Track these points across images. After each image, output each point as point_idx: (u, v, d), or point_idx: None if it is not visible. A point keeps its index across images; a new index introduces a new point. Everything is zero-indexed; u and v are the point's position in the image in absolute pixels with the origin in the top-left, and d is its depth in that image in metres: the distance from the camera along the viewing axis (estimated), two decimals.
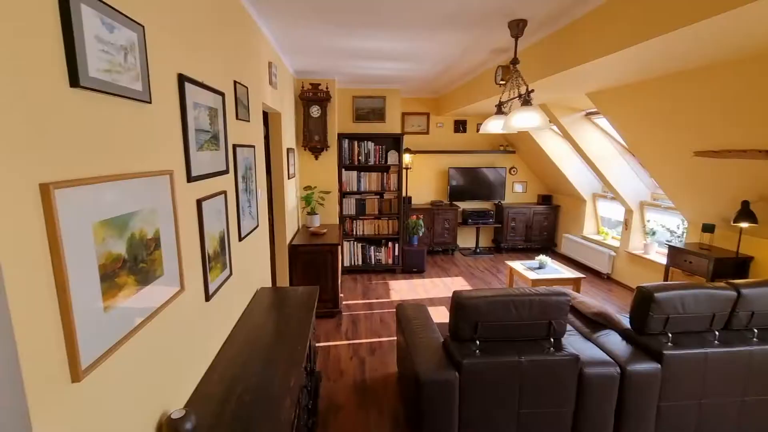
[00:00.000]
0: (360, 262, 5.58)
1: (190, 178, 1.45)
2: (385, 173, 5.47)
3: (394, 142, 5.41)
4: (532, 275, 3.91)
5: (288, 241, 3.89)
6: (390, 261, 5.58)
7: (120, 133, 1.02)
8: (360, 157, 5.38)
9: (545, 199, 6.46)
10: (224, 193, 1.87)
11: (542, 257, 4.15)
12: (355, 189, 5.46)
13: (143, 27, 1.11)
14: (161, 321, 1.24)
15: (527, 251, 6.46)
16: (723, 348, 2.14)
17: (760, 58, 2.19)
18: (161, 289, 1.21)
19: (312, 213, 4.64)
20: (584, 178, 5.59)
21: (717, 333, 2.23)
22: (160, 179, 1.20)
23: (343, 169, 5.37)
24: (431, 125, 6.46)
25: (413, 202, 6.52)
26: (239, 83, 2.15)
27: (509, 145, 6.54)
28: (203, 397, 1.47)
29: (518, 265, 4.28)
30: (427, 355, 2.17)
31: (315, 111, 4.55)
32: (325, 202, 4.86)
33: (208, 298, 1.64)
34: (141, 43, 1.10)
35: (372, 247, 5.57)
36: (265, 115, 3.57)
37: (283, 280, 3.94)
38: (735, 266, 3.30)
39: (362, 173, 5.44)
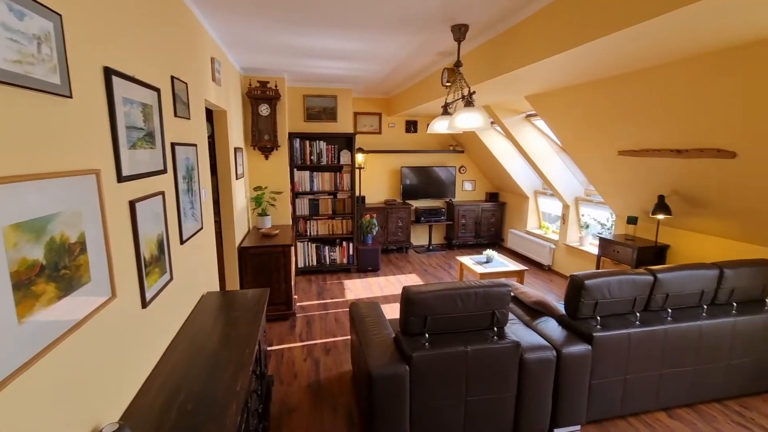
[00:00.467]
0: (314, 263, 5.52)
1: (120, 178, 1.37)
2: (338, 173, 5.45)
3: (346, 141, 5.41)
4: (480, 269, 4.09)
5: (237, 244, 3.76)
6: (345, 260, 5.57)
7: (35, 130, 0.95)
8: (312, 157, 5.32)
9: (492, 197, 6.77)
10: (162, 194, 1.78)
11: (489, 252, 4.35)
12: (308, 189, 5.39)
13: (60, 16, 1.03)
14: (90, 330, 1.16)
15: (477, 247, 6.73)
16: (643, 328, 2.38)
17: (669, 68, 2.45)
18: (88, 296, 1.13)
19: (263, 214, 4.52)
20: (526, 176, 5.93)
21: (638, 314, 2.48)
22: (84, 179, 1.13)
23: (296, 169, 5.29)
24: (383, 125, 6.53)
25: (367, 201, 6.56)
26: (177, 79, 2.05)
27: (458, 144, 6.77)
28: (141, 409, 1.40)
29: (467, 260, 4.46)
30: (378, 351, 2.21)
31: (264, 109, 4.43)
32: (277, 203, 4.76)
33: (145, 304, 1.55)
34: (58, 33, 1.02)
35: (326, 247, 5.53)
36: (210, 112, 3.42)
37: (233, 284, 3.81)
38: (655, 254, 3.67)
39: (315, 173, 5.38)
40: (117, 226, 1.35)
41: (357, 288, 4.94)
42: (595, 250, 4.50)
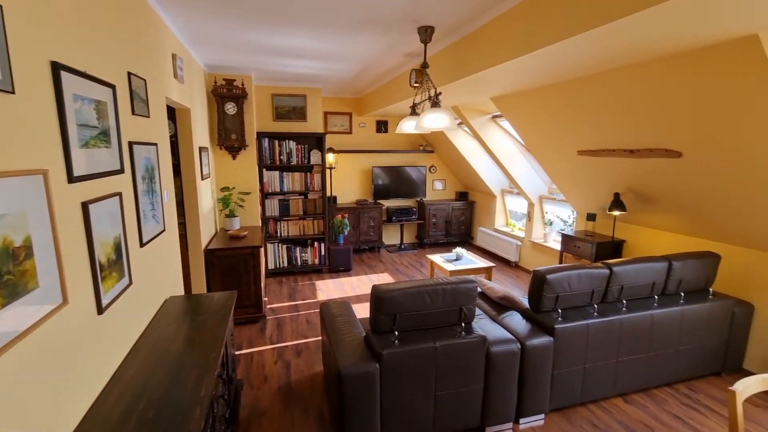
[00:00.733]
0: (285, 264, 5.44)
1: (71, 179, 1.31)
2: (308, 173, 5.40)
3: (316, 141, 5.37)
4: (450, 267, 4.17)
5: (204, 246, 3.66)
6: (316, 261, 5.53)
7: None
8: (282, 157, 5.24)
9: (462, 196, 6.91)
10: (119, 195, 1.71)
11: (458, 250, 4.44)
12: (277, 189, 5.31)
13: (1, 6, 0.98)
14: (38, 339, 1.10)
15: (448, 245, 6.85)
16: (600, 319, 2.51)
17: (622, 72, 2.59)
18: (36, 304, 1.08)
19: (231, 215, 4.42)
20: (493, 175, 6.10)
21: (596, 306, 2.61)
22: (29, 179, 1.07)
23: (264, 169, 5.19)
24: (354, 125, 6.53)
25: (338, 201, 6.53)
26: (135, 75, 1.97)
27: (428, 144, 6.87)
28: (98, 419, 1.34)
29: (438, 258, 4.53)
30: (349, 350, 2.21)
31: (230, 108, 4.33)
32: (246, 204, 4.66)
33: (101, 310, 1.49)
34: None
35: (297, 248, 5.47)
36: (172, 111, 3.31)
37: (200, 287, 3.70)
38: (612, 248, 3.88)
39: (285, 173, 5.31)
40: (68, 228, 1.28)
41: (329, 288, 4.92)
42: (558, 246, 4.69)
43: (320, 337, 3.59)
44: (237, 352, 3.32)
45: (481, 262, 4.33)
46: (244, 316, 3.86)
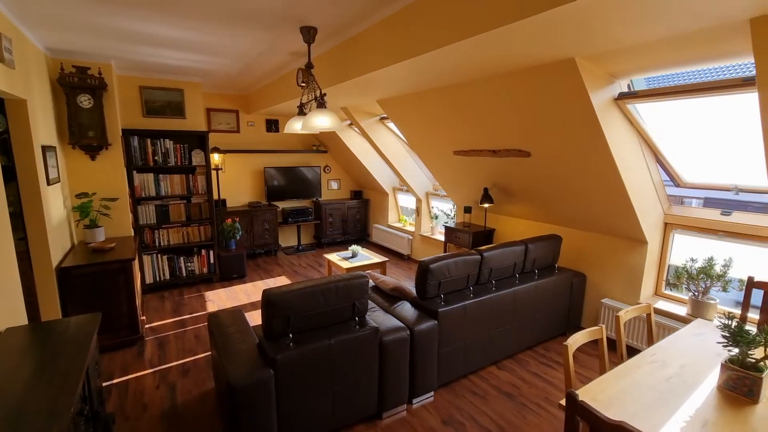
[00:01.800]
0: (167, 276, 4.90)
1: None
2: (190, 175, 4.94)
3: (198, 140, 4.94)
4: (346, 264, 4.27)
5: (56, 264, 3.09)
6: (205, 270, 5.11)
7: None
8: (157, 158, 4.69)
9: (357, 194, 7.10)
10: None
11: (354, 247, 4.57)
12: (153, 194, 4.74)
13: None
14: None
15: (345, 243, 6.97)
16: (475, 299, 2.86)
17: (485, 81, 2.97)
18: None
19: (92, 226, 3.80)
20: (384, 174, 6.41)
21: (471, 288, 2.97)
22: None
23: (135, 172, 4.59)
24: (242, 123, 6.18)
25: (228, 204, 6.13)
26: None
27: (321, 144, 6.88)
28: None
29: (334, 257, 4.60)
30: (240, 360, 2.12)
31: (85, 101, 3.71)
32: (112, 212, 4.05)
33: None
34: None
35: (182, 258, 4.97)
36: (1, 102, 2.71)
37: (53, 313, 3.11)
38: (485, 236, 4.43)
39: (162, 175, 4.76)
40: None
41: (221, 298, 4.59)
42: (443, 238, 5.16)
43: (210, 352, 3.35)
44: (107, 383, 2.90)
45: (376, 258, 4.53)
46: (115, 341, 3.38)
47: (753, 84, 2.06)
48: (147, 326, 3.85)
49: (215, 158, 5.43)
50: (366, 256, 4.56)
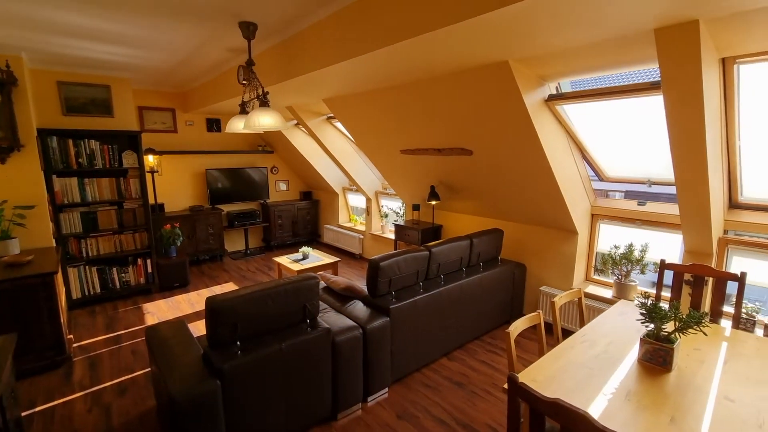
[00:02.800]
0: (98, 290, 4.50)
1: None
2: (121, 178, 4.56)
3: (129, 140, 4.58)
4: (297, 266, 4.19)
5: None
6: (142, 280, 4.75)
7: None
8: (81, 160, 4.28)
9: (306, 195, 6.98)
10: None
11: (305, 249, 4.50)
12: (78, 200, 4.32)
13: None
14: None
15: (296, 245, 6.83)
16: (425, 294, 2.93)
17: (428, 82, 3.05)
18: None
19: (5, 237, 3.38)
20: (334, 174, 6.37)
21: (421, 284, 3.04)
22: None
23: (55, 176, 4.15)
24: (179, 123, 5.82)
25: (167, 209, 5.75)
26: None
27: (267, 145, 6.67)
28: None
29: (284, 259, 4.49)
30: (183, 373, 2.01)
31: None
32: (28, 221, 3.62)
33: None
34: None
35: (114, 269, 4.58)
36: None
37: None
38: (433, 233, 4.56)
39: (87, 179, 4.35)
40: None
41: (161, 310, 4.30)
42: (393, 236, 5.24)
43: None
44: (28, 412, 2.61)
45: (327, 259, 4.49)
46: (38, 363, 3.05)
47: (659, 87, 2.32)
48: (75, 345, 3.51)
49: (150, 160, 5.07)
50: (317, 258, 4.50)
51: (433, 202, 4.20)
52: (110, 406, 2.67)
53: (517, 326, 2.00)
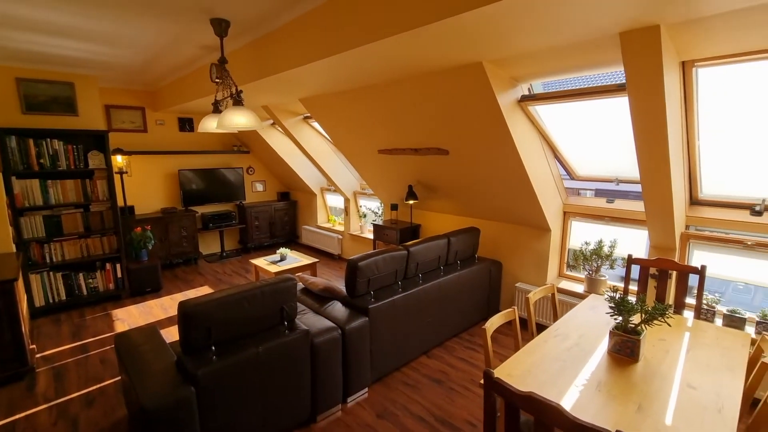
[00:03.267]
0: (63, 297, 4.30)
1: None
2: (88, 180, 4.37)
3: (96, 140, 4.39)
4: (274, 268, 4.13)
5: None
6: (112, 286, 4.57)
7: None
8: (42, 161, 4.07)
9: (284, 196, 6.89)
10: None
11: (282, 250, 4.44)
12: (40, 203, 4.10)
13: None
14: None
15: (273, 246, 6.73)
16: (404, 293, 2.95)
17: (406, 82, 3.07)
18: None
19: None
20: (311, 174, 6.31)
21: (400, 283, 3.06)
22: None
23: (15, 178, 3.93)
24: (149, 122, 5.62)
25: (137, 211, 5.55)
26: None
27: (243, 145, 6.54)
28: None
29: (262, 261, 4.41)
30: (155, 380, 1.94)
31: None
32: None
33: None
34: None
35: (81, 275, 4.39)
36: None
37: None
38: (411, 232, 4.59)
39: (50, 181, 4.15)
40: None
41: (132, 316, 4.15)
42: (372, 236, 5.24)
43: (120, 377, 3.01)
44: None
45: (306, 260, 4.44)
46: None
47: (625, 89, 2.41)
48: (39, 356, 3.34)
49: (118, 160, 4.88)
50: (295, 259, 4.45)
51: (411, 202, 4.22)
52: (77, 417, 2.56)
53: (494, 322, 2.04)
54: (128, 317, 4.12)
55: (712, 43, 2.01)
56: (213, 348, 2.10)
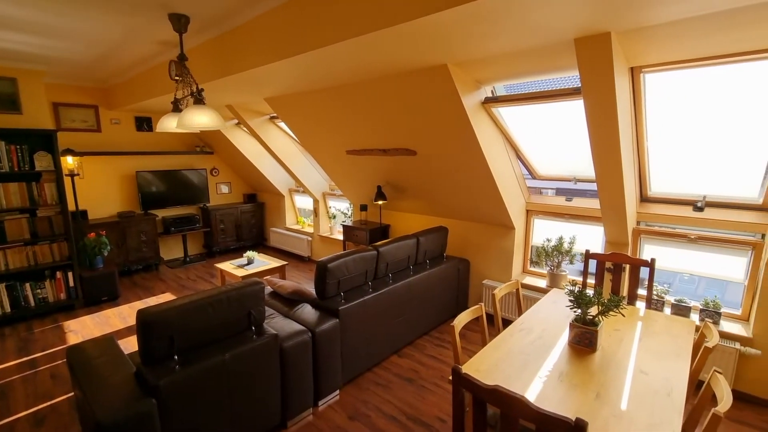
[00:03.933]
0: (8, 309, 3.98)
1: None
2: (34, 183, 4.08)
3: (43, 140, 4.11)
4: (241, 272, 4.02)
5: None
6: (63, 295, 4.28)
7: None
8: None
9: (250, 198, 6.71)
10: None
11: (249, 253, 4.32)
12: None
13: None
14: None
15: (240, 250, 6.54)
16: (374, 293, 2.95)
17: (372, 83, 3.07)
18: None
19: None
20: (279, 175, 6.19)
21: (370, 283, 3.06)
22: None
23: None
24: (103, 121, 5.31)
25: (90, 216, 5.24)
26: None
27: (206, 145, 6.32)
28: None
29: (228, 265, 4.28)
30: (112, 394, 1.84)
31: None
32: None
33: None
34: None
35: (27, 285, 4.08)
36: None
37: None
38: (381, 233, 4.60)
39: None
40: None
41: (86, 327, 3.91)
42: (342, 237, 5.20)
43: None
44: None
45: (274, 262, 4.35)
46: None
47: (580, 93, 2.53)
48: None
49: (69, 162, 4.57)
50: (263, 262, 4.35)
51: (380, 202, 4.24)
52: None
53: (461, 319, 2.08)
54: (82, 328, 3.87)
55: (658, 50, 2.15)
56: (176, 357, 2.02)
